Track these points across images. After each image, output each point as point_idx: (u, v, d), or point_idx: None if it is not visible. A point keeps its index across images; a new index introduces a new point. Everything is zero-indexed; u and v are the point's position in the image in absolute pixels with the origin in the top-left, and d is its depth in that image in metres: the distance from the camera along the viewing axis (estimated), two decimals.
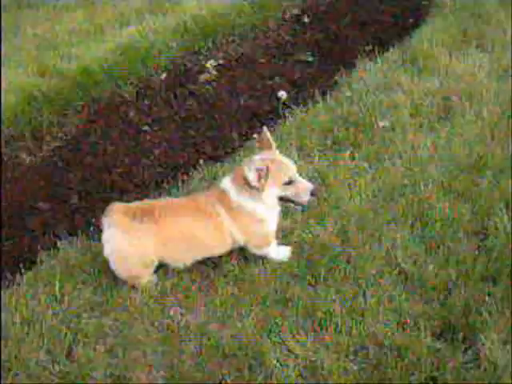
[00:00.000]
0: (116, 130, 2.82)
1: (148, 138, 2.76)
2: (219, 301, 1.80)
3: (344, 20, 3.61)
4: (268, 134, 1.90)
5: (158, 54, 3.26)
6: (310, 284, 1.81)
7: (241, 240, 1.90)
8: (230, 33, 3.52)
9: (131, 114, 2.93)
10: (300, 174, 1.85)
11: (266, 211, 1.85)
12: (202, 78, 3.16)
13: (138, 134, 2.80)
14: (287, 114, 2.70)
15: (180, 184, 2.34)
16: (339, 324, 1.66)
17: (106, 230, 1.84)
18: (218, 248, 1.92)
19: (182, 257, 1.91)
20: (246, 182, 1.78)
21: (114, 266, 1.85)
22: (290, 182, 1.79)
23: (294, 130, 2.54)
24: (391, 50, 3.10)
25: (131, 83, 3.08)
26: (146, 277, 1.88)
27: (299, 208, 1.92)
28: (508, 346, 1.50)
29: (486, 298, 1.65)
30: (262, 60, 3.32)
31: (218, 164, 2.43)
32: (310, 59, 3.28)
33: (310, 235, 1.99)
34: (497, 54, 2.89)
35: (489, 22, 3.17)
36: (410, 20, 3.50)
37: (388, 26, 3.50)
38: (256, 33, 3.57)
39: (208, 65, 3.26)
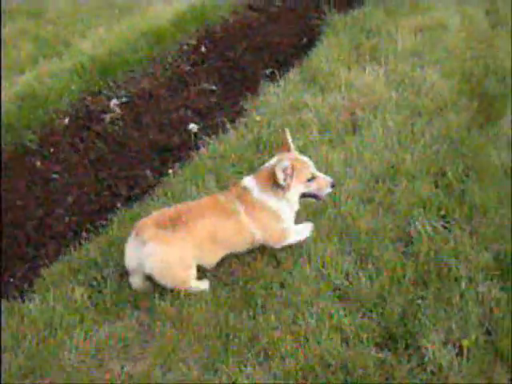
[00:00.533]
0: (23, 182, 2.64)
1: (59, 186, 2.61)
2: (159, 345, 1.72)
3: (240, 46, 3.66)
4: (288, 134, 2.03)
5: (59, 97, 3.12)
6: (248, 314, 1.78)
7: (260, 237, 1.98)
8: (130, 69, 3.46)
9: (37, 163, 2.77)
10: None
11: (287, 209, 1.97)
12: (107, 117, 3.07)
13: (47, 183, 2.65)
14: (200, 146, 2.67)
15: (100, 230, 2.24)
16: (284, 351, 1.64)
17: (143, 247, 1.87)
18: (241, 245, 2.00)
19: (213, 256, 1.99)
20: (275, 182, 1.89)
21: (159, 277, 1.90)
22: (312, 178, 1.92)
23: (209, 160, 2.52)
24: (291, 70, 3.17)
25: (33, 131, 2.92)
26: (192, 280, 1.94)
27: (320, 201, 2.01)
28: (449, 345, 1.56)
29: (420, 302, 1.70)
30: (165, 93, 3.28)
31: (136, 204, 2.35)
32: (213, 88, 3.29)
33: (241, 264, 1.97)
34: (391, 64, 3.03)
35: (379, 35, 3.34)
36: (305, 40, 3.62)
37: (284, 47, 3.58)
38: (155, 67, 3.53)
39: (111, 104, 3.18)
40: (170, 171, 2.54)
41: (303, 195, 1.96)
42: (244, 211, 1.94)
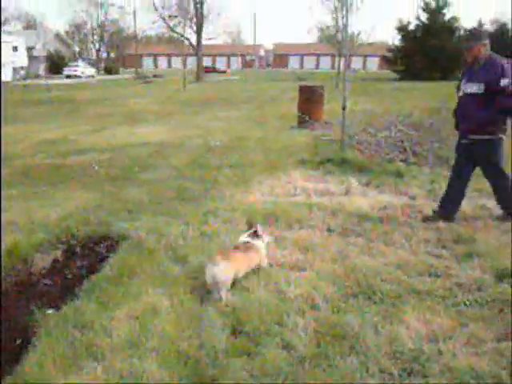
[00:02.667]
0: None
1: None
2: None
3: None
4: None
5: None
6: None
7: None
8: None
9: None
10: None
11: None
12: None
13: None
14: None
15: None
16: None
17: (214, 268, 3.61)
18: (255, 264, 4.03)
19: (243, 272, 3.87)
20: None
21: (220, 285, 3.62)
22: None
23: None
24: None
25: None
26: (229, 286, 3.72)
27: None
28: None
29: None
30: None
31: None
32: None
33: None
34: (108, 360, 3.01)
35: (93, 329, 3.34)
36: (18, 342, 3.39)
37: None
38: None
39: None
40: None
41: None
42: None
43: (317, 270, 4.12)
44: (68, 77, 54.29)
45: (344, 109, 8.58)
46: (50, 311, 3.64)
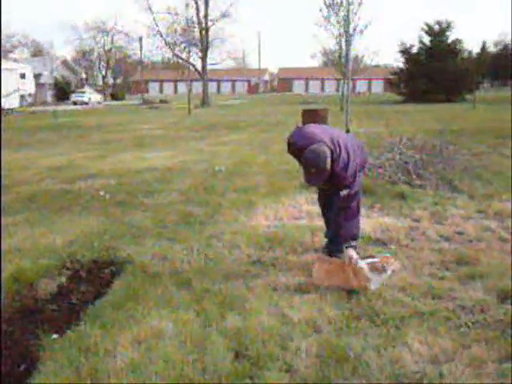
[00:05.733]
0: None
1: None
2: None
3: None
4: None
5: None
6: None
7: None
8: None
9: None
10: None
11: None
12: None
13: None
14: None
15: None
16: None
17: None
18: None
19: None
20: None
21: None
22: None
23: None
24: None
25: None
26: None
27: None
28: None
29: None
30: None
31: None
32: None
33: None
34: None
35: (97, 354, 3.36)
36: (22, 367, 3.41)
37: None
38: None
39: None
40: None
41: None
42: None
43: (320, 293, 4.14)
44: (75, 103, 55.03)
45: (348, 131, 8.66)
46: (54, 336, 3.67)
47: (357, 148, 4.52)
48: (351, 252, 4.31)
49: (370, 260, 4.31)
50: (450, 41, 44.80)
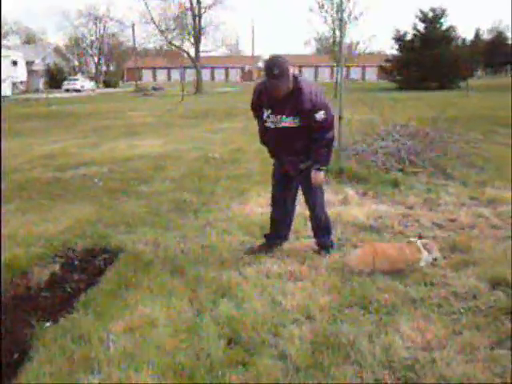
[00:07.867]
0: None
1: None
2: None
3: None
4: None
5: None
6: None
7: None
8: None
9: None
10: None
11: None
12: None
13: None
14: None
15: None
16: None
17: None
18: None
19: None
20: None
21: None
22: None
23: None
24: None
25: None
26: None
27: None
28: None
29: None
30: None
31: None
32: None
33: None
34: (105, 373, 3.03)
35: (90, 342, 3.36)
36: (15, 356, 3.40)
37: None
38: None
39: None
40: None
41: None
42: None
43: (312, 281, 4.15)
44: (67, 91, 54.59)
45: (341, 119, 8.64)
46: (47, 324, 3.66)
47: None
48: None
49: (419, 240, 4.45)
50: (444, 28, 44.70)
